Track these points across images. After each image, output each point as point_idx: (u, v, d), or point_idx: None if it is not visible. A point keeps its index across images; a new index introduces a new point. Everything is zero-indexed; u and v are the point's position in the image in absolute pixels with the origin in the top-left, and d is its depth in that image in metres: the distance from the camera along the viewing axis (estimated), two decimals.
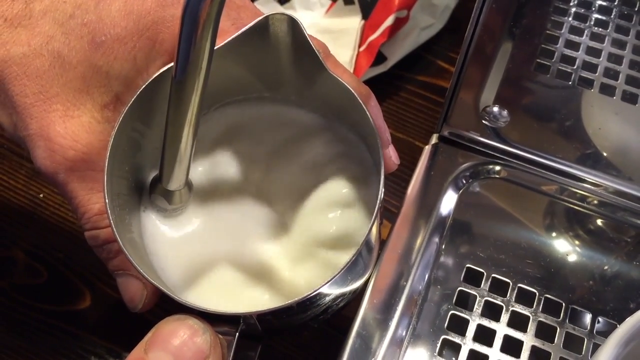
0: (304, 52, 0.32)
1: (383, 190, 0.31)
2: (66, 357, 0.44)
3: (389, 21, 0.54)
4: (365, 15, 0.57)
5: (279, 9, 0.59)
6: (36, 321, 0.45)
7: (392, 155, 0.36)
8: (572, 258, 0.40)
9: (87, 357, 0.44)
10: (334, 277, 0.29)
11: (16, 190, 0.51)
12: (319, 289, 0.29)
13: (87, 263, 0.47)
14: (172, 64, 0.31)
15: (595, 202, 0.42)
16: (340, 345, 0.35)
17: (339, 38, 0.57)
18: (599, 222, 0.41)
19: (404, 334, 0.36)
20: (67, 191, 0.33)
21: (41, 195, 0.51)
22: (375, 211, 0.31)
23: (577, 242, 0.40)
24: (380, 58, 0.55)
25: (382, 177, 0.31)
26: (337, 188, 0.35)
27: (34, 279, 0.47)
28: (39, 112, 0.32)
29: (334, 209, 0.35)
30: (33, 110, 0.32)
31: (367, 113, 0.32)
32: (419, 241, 0.39)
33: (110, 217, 0.29)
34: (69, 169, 0.32)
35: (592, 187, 0.42)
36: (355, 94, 0.32)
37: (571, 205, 0.42)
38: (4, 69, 0.32)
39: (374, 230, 0.32)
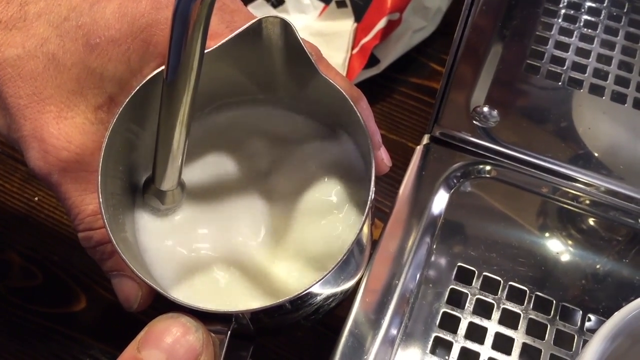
0: (296, 55, 0.33)
1: (374, 190, 0.31)
2: (62, 359, 0.44)
3: (381, 24, 0.54)
4: (357, 18, 0.57)
5: (273, 12, 0.59)
6: (31, 323, 0.45)
7: (383, 157, 0.37)
8: (563, 256, 0.40)
9: (83, 359, 0.44)
10: (325, 275, 0.29)
11: (11, 193, 0.51)
12: (310, 287, 0.29)
13: (82, 265, 0.47)
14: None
15: (586, 201, 0.42)
16: (332, 344, 0.35)
17: (332, 41, 0.57)
18: (590, 221, 0.42)
19: (396, 332, 0.36)
20: (60, 192, 0.33)
21: (36, 199, 0.51)
22: (366, 211, 0.31)
23: (567, 241, 0.41)
24: (373, 60, 0.56)
25: (373, 177, 0.32)
26: (329, 188, 0.35)
27: (29, 281, 0.47)
28: (32, 113, 0.32)
29: (326, 208, 0.35)
30: (27, 111, 0.32)
31: (359, 115, 0.32)
32: (410, 240, 0.39)
33: (104, 217, 0.30)
34: (63, 170, 0.32)
35: (583, 187, 0.42)
36: (347, 96, 0.32)
37: (562, 204, 0.42)
38: None
39: (365, 230, 0.32)
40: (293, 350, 0.44)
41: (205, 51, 0.29)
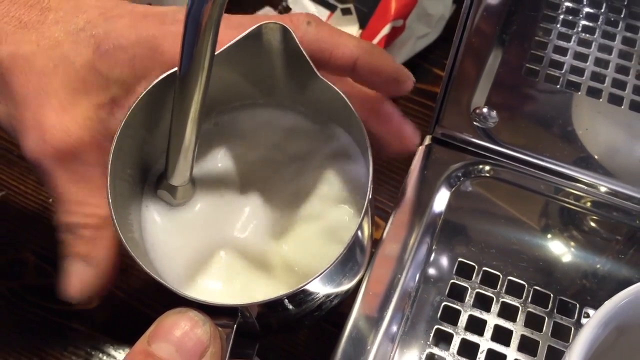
0: (296, 60, 0.34)
1: (372, 187, 0.32)
2: (76, 355, 0.45)
3: (385, 30, 0.56)
4: (362, 25, 0.59)
5: None
6: (46, 320, 0.47)
7: (408, 132, 0.39)
8: (560, 252, 0.41)
9: (96, 354, 0.45)
10: (327, 269, 0.30)
11: (26, 195, 0.53)
12: (312, 280, 0.30)
13: None
14: (173, 69, 0.32)
15: (584, 199, 0.43)
16: (336, 339, 0.36)
17: None
18: (588, 218, 0.43)
19: (398, 325, 0.37)
20: (50, 179, 0.35)
21: (50, 200, 0.52)
22: (364, 208, 0.32)
23: (565, 238, 0.42)
24: None
25: (371, 176, 0.32)
26: (331, 189, 0.36)
27: (44, 279, 0.49)
28: (36, 104, 0.34)
29: (328, 209, 0.36)
30: (31, 101, 0.34)
31: (357, 116, 0.33)
32: (412, 238, 0.40)
33: (114, 218, 0.31)
34: (56, 159, 0.34)
35: (580, 185, 0.43)
36: (346, 98, 0.33)
37: (560, 203, 0.43)
38: (11, 61, 0.34)
39: (365, 227, 0.33)
40: (297, 345, 0.45)
41: None
